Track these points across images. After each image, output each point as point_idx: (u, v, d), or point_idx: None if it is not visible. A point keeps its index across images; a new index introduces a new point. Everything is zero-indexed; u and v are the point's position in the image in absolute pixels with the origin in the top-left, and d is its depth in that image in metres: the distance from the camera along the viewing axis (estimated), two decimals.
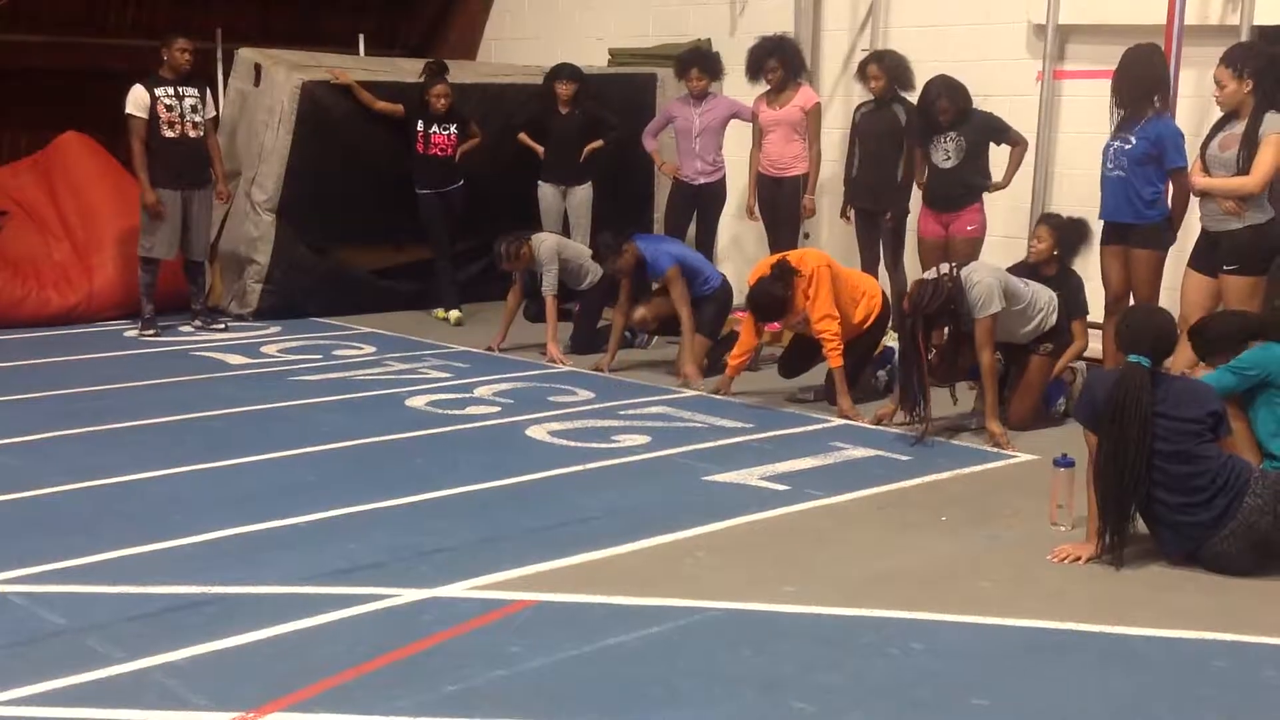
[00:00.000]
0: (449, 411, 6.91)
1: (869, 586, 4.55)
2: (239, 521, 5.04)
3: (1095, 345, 7.30)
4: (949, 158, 7.89)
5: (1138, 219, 6.90)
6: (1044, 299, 6.67)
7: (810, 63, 9.52)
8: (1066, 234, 7.04)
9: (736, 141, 9.28)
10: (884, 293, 7.46)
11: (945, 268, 6.45)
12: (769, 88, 8.85)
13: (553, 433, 6.50)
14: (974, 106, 7.91)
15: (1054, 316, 6.68)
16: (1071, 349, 6.96)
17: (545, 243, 8.42)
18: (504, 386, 7.52)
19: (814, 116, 8.79)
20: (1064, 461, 5.19)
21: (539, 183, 9.71)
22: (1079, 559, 4.79)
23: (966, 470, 6.02)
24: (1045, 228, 7.07)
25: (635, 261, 7.91)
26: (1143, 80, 6.88)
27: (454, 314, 9.66)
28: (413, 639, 4.01)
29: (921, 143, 8.03)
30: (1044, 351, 6.74)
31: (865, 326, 7.23)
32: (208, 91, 9.05)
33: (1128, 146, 6.86)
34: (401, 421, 6.66)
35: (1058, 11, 8.53)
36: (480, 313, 9.63)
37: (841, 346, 6.95)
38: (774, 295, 6.91)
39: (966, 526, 5.23)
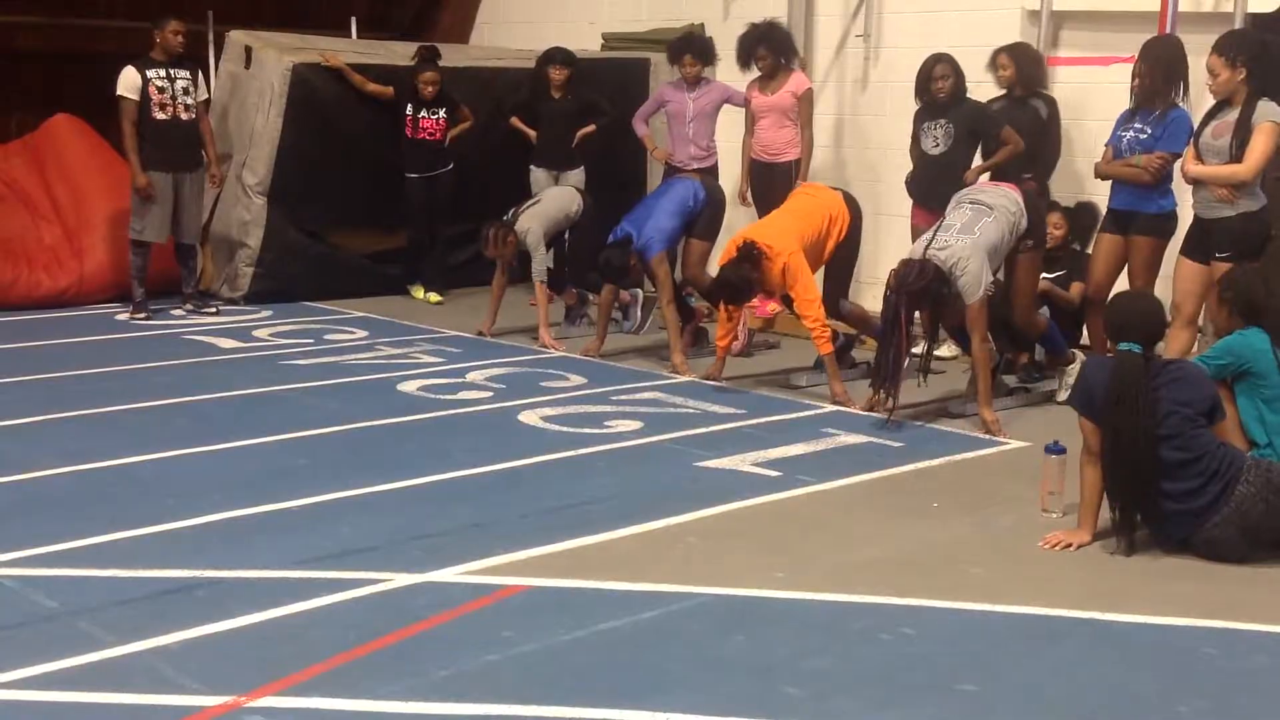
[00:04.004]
0: (441, 396, 6.90)
1: (860, 572, 4.55)
2: (230, 505, 5.04)
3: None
4: (937, 144, 7.90)
5: (1143, 206, 6.90)
6: (1013, 211, 6.58)
7: (803, 48, 9.49)
8: (1078, 218, 7.55)
9: (729, 127, 9.26)
10: (849, 198, 7.41)
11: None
12: (760, 74, 8.83)
13: (545, 418, 6.50)
14: (967, 95, 7.93)
15: (1024, 220, 6.62)
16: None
17: (531, 230, 8.35)
18: (496, 371, 7.51)
19: (806, 102, 8.76)
20: (1056, 448, 5.19)
21: (531, 167, 9.68)
22: (1070, 545, 4.81)
23: (958, 456, 6.03)
24: (1058, 214, 7.45)
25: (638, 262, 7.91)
26: (1172, 73, 6.85)
27: (433, 295, 9.72)
28: (405, 623, 4.01)
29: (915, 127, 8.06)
30: (1025, 248, 6.73)
31: (838, 244, 7.25)
32: (199, 74, 9.01)
33: (1143, 136, 6.85)
34: (393, 406, 6.65)
35: None
36: (471, 297, 9.62)
37: (829, 333, 6.96)
38: (743, 277, 6.88)
39: (958, 512, 5.24)
